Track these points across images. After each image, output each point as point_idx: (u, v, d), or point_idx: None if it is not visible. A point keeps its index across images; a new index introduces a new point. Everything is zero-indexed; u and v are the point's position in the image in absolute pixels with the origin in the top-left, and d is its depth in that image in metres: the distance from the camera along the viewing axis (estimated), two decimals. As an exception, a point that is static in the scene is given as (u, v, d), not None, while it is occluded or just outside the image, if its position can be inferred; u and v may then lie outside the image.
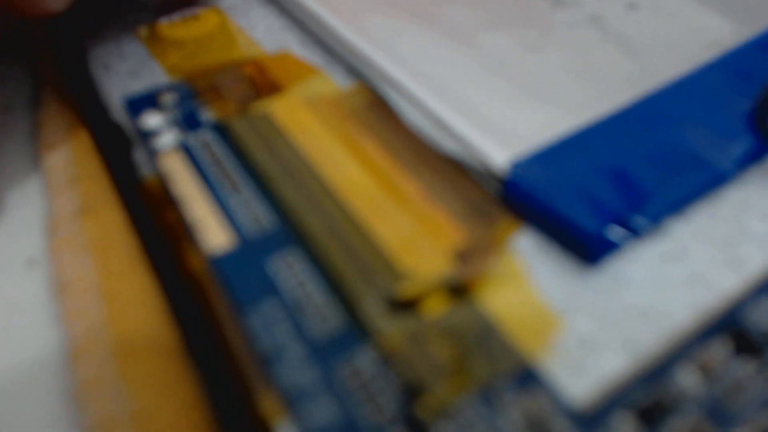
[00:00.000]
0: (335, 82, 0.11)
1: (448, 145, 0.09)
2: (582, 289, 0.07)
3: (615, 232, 0.08)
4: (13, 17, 0.10)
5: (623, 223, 0.08)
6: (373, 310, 0.07)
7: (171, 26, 0.13)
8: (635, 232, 0.08)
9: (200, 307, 0.07)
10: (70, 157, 0.11)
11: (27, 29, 0.14)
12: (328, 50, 0.12)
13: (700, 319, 0.07)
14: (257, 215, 0.08)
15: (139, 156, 0.10)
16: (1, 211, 0.10)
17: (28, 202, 0.10)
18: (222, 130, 0.09)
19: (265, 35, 0.13)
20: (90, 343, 0.08)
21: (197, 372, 0.07)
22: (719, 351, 0.06)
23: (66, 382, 0.08)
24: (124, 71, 0.11)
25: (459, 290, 0.07)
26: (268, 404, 0.06)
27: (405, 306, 0.07)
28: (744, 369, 0.06)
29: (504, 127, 0.09)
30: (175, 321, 0.08)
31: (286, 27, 0.13)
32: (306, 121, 0.09)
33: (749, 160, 0.09)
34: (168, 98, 0.10)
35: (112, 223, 0.09)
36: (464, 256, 0.07)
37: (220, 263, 0.07)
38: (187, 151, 0.09)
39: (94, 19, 0.13)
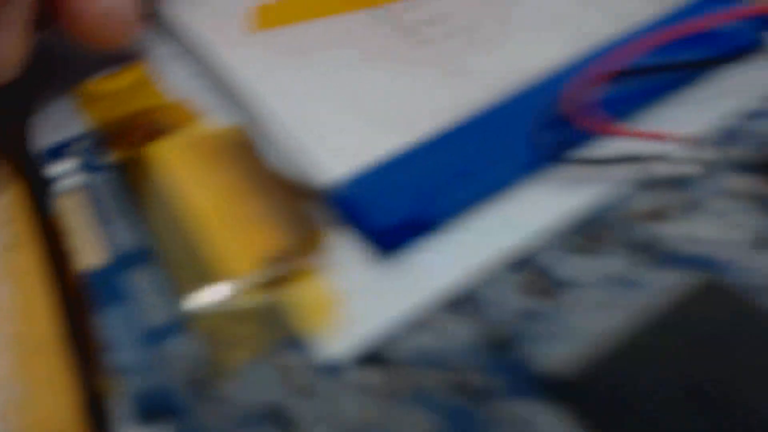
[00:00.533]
0: (214, 124, 0.13)
1: (292, 168, 0.11)
2: (375, 276, 0.09)
3: (405, 232, 0.10)
4: None
5: (415, 225, 0.10)
6: (190, 304, 0.09)
7: (98, 82, 0.15)
8: (425, 231, 0.10)
9: (78, 313, 0.10)
10: (7, 202, 0.13)
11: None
12: (222, 93, 0.14)
13: (450, 293, 0.09)
14: (125, 239, 0.10)
15: (51, 197, 0.12)
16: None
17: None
18: (113, 171, 0.12)
19: (176, 84, 0.15)
20: None
21: (75, 366, 0.09)
22: (441, 320, 0.08)
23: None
24: (52, 125, 0.14)
25: (268, 286, 0.09)
26: (108, 383, 0.08)
27: (217, 298, 0.09)
28: (460, 327, 0.08)
29: (340, 151, 0.11)
30: (65, 327, 0.10)
31: (195, 75, 0.15)
32: (177, 160, 0.11)
33: (532, 169, 0.11)
34: (76, 147, 0.12)
35: (31, 255, 0.12)
36: (274, 260, 0.09)
37: (87, 277, 0.10)
38: (82, 191, 0.11)
39: (32, 79, 0.16)
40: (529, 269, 0.09)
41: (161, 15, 0.17)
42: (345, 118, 0.12)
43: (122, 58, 0.16)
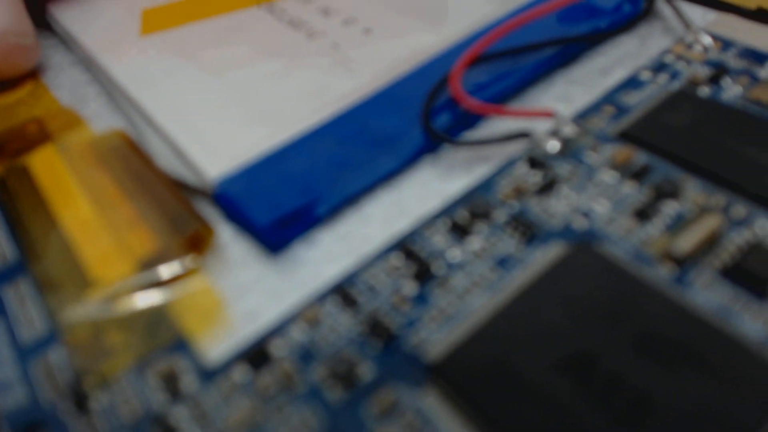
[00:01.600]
0: (94, 129, 0.12)
1: (180, 171, 0.11)
2: (263, 273, 0.09)
3: (291, 227, 0.10)
4: None
5: (300, 218, 0.10)
6: (65, 313, 0.09)
7: (-14, 96, 0.14)
8: (309, 224, 0.10)
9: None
10: None
11: None
12: (111, 98, 0.14)
13: (327, 284, 0.09)
14: (4, 252, 0.10)
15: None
16: None
17: None
18: (-9, 184, 0.11)
19: (68, 93, 0.14)
20: None
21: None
22: (329, 307, 0.08)
23: None
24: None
25: (147, 289, 0.09)
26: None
27: (92, 306, 0.09)
28: (340, 319, 0.08)
29: (221, 148, 0.11)
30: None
31: (88, 82, 0.15)
32: (55, 167, 0.11)
33: (418, 153, 0.11)
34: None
35: None
36: (151, 263, 0.09)
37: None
38: (-44, 206, 0.11)
39: None
40: (408, 254, 0.09)
41: (54, 24, 0.17)
42: (228, 116, 0.12)
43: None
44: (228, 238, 0.10)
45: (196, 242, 0.10)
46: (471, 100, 0.11)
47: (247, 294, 0.09)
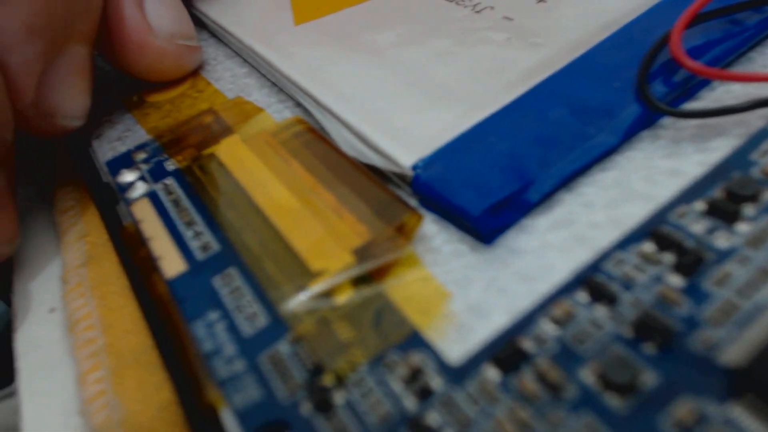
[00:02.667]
0: (274, 118, 0.12)
1: (367, 156, 0.10)
2: (477, 264, 0.09)
3: (503, 213, 0.09)
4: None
5: (511, 204, 0.09)
6: (288, 305, 0.08)
7: (152, 92, 0.15)
8: (524, 210, 0.09)
9: (167, 324, 0.09)
10: (78, 217, 0.13)
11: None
12: (276, 89, 0.14)
13: (571, 276, 0.08)
14: (206, 242, 0.10)
15: (121, 208, 0.11)
16: (29, 268, 0.12)
17: (49, 258, 0.12)
18: (180, 176, 0.11)
19: (229, 85, 0.14)
20: (93, 367, 0.10)
21: (170, 378, 0.09)
22: (578, 301, 0.07)
23: (76, 400, 0.10)
24: (114, 137, 0.14)
25: (364, 280, 0.08)
26: (213, 395, 0.08)
27: (315, 298, 0.08)
28: (597, 315, 0.07)
29: (412, 133, 0.10)
30: (154, 337, 0.09)
31: (246, 74, 0.15)
32: (243, 156, 0.11)
33: (637, 127, 0.10)
34: (140, 156, 0.12)
35: (108, 268, 0.11)
36: (365, 252, 0.09)
37: (174, 285, 0.09)
38: (153, 197, 0.11)
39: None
40: (662, 241, 0.08)
41: (202, 18, 0.17)
42: (408, 99, 0.11)
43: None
44: (429, 226, 0.09)
45: (403, 231, 0.09)
46: (699, 65, 0.09)
47: (467, 286, 0.08)
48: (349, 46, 0.13)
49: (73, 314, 0.11)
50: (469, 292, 0.08)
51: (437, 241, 0.09)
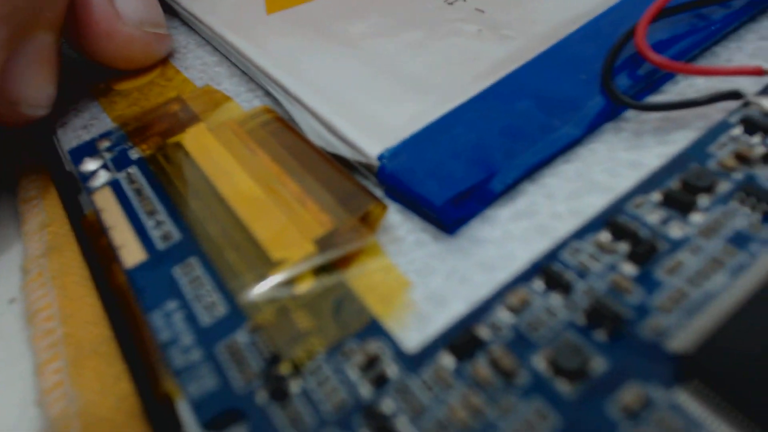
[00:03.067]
0: (242, 107, 0.12)
1: (334, 145, 0.10)
2: (440, 254, 0.09)
3: (466, 204, 0.09)
4: None
5: (474, 194, 0.09)
6: (248, 295, 0.08)
7: (120, 80, 0.14)
8: (487, 201, 0.09)
9: (126, 314, 0.09)
10: (41, 206, 0.13)
11: None
12: (246, 78, 0.13)
13: (531, 264, 0.08)
14: (167, 231, 0.09)
15: (82, 197, 0.11)
16: (-10, 260, 0.12)
17: (10, 248, 0.12)
18: (144, 165, 0.11)
19: (199, 73, 0.14)
20: (51, 358, 0.10)
21: (129, 369, 0.09)
22: (534, 289, 0.07)
23: (34, 390, 0.09)
24: (79, 126, 0.13)
25: (325, 270, 0.08)
26: (169, 386, 0.08)
27: (275, 287, 0.08)
28: (551, 303, 0.07)
29: (379, 123, 0.10)
30: (113, 328, 0.09)
31: (216, 63, 0.15)
32: (209, 145, 0.11)
33: (601, 119, 0.10)
34: (104, 144, 0.12)
35: (70, 258, 0.11)
36: (328, 241, 0.08)
37: (133, 274, 0.09)
38: (115, 186, 0.11)
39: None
40: (617, 231, 0.08)
41: (176, 6, 0.17)
42: (377, 90, 0.11)
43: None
44: (394, 216, 0.09)
45: (368, 221, 0.09)
46: (663, 58, 0.10)
47: (428, 276, 0.08)
48: (320, 36, 0.13)
49: (32, 305, 0.11)
50: (430, 281, 0.08)
51: (401, 231, 0.09)
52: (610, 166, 0.09)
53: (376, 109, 0.11)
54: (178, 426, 0.07)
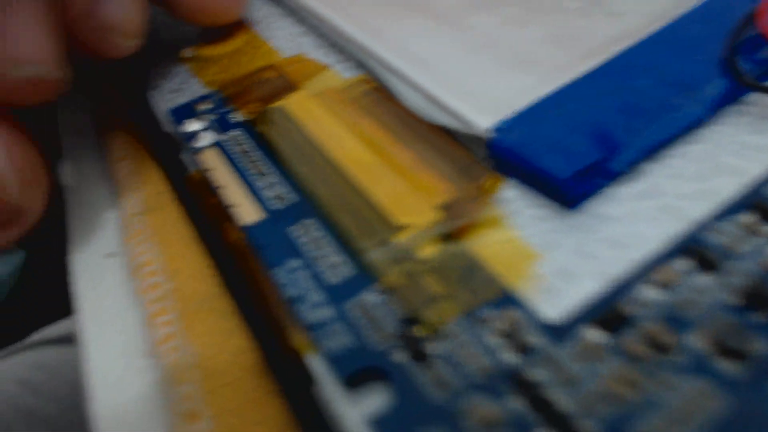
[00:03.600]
0: (341, 76, 0.12)
1: (440, 118, 0.10)
2: (562, 228, 0.08)
3: (589, 179, 0.09)
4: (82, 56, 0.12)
5: (597, 170, 0.09)
6: (374, 256, 0.08)
7: (207, 47, 0.15)
8: (609, 177, 0.09)
9: (241, 270, 0.09)
10: (133, 166, 0.13)
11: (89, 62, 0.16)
12: (336, 49, 0.13)
13: (667, 244, 0.08)
14: (279, 193, 0.09)
15: (185, 157, 0.11)
16: (84, 213, 0.12)
17: (105, 204, 0.12)
18: (248, 128, 0.11)
19: (285, 43, 0.14)
20: (160, 311, 0.10)
21: (245, 323, 0.09)
22: (680, 268, 0.07)
23: (144, 341, 0.10)
24: (171, 89, 0.13)
25: (448, 237, 0.08)
26: (298, 340, 0.08)
27: (401, 251, 0.08)
28: (701, 282, 0.07)
29: (486, 96, 0.10)
30: (224, 284, 0.09)
31: (302, 34, 0.15)
32: (314, 111, 0.11)
33: (723, 101, 0.09)
34: (204, 106, 0.12)
35: (172, 217, 0.11)
36: (450, 209, 0.08)
37: (252, 232, 0.09)
38: (221, 147, 0.11)
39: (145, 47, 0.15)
40: (764, 213, 0.08)
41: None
42: (480, 64, 0.11)
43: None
44: (505, 191, 0.09)
45: (482, 191, 0.09)
46: (795, 42, 0.09)
47: (553, 250, 0.08)
48: (413, 8, 0.13)
49: (135, 259, 0.11)
50: (555, 256, 0.08)
51: (516, 205, 0.09)
52: (737, 148, 0.09)
53: (478, 82, 0.10)
54: (305, 382, 0.07)
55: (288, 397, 0.07)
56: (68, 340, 0.26)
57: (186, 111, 0.12)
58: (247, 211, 0.09)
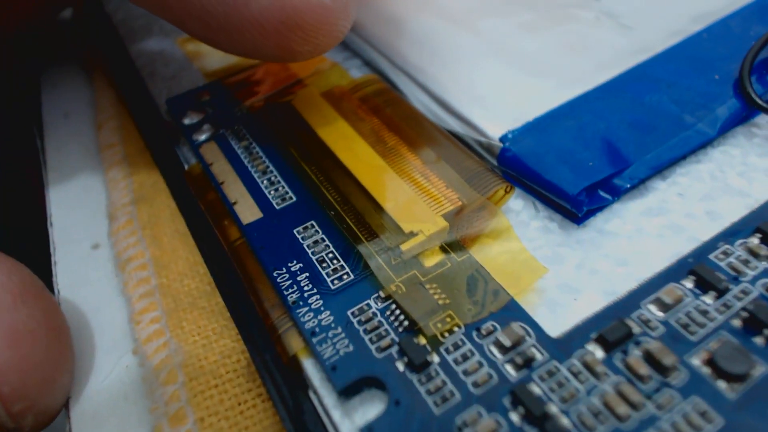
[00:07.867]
0: (350, 74, 0.12)
1: (450, 124, 0.10)
2: (569, 243, 0.08)
3: (597, 195, 0.09)
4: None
5: (605, 186, 0.09)
6: (378, 263, 0.08)
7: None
8: (618, 193, 0.09)
9: (236, 269, 0.09)
10: (124, 154, 0.12)
11: (82, 42, 0.15)
12: (344, 46, 0.13)
13: (670, 263, 0.08)
14: (283, 192, 0.09)
15: (182, 149, 0.11)
16: (68, 200, 0.12)
17: (91, 193, 0.12)
18: (251, 122, 0.11)
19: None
20: (148, 307, 0.09)
21: (236, 324, 0.08)
22: (682, 288, 0.07)
23: (130, 338, 0.09)
24: (167, 76, 0.13)
25: (454, 246, 0.08)
26: (294, 344, 0.07)
27: (407, 258, 0.08)
28: (705, 303, 0.07)
29: (496, 103, 0.10)
30: (215, 282, 0.09)
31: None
32: (323, 109, 0.10)
33: (734, 122, 0.09)
34: (205, 97, 0.11)
35: (161, 209, 0.11)
36: (458, 218, 0.08)
37: (251, 231, 0.09)
38: (222, 141, 0.10)
39: (139, 31, 0.15)
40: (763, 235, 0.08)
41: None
42: (493, 70, 0.11)
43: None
44: (513, 200, 0.09)
45: (491, 201, 0.09)
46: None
47: (558, 263, 0.08)
48: (429, 10, 0.13)
49: (122, 252, 0.10)
50: (560, 270, 0.08)
51: (523, 216, 0.09)
52: (745, 170, 0.09)
53: (490, 88, 0.10)
54: (299, 388, 0.07)
55: (278, 402, 0.07)
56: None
57: (185, 101, 0.11)
58: (248, 209, 0.09)
